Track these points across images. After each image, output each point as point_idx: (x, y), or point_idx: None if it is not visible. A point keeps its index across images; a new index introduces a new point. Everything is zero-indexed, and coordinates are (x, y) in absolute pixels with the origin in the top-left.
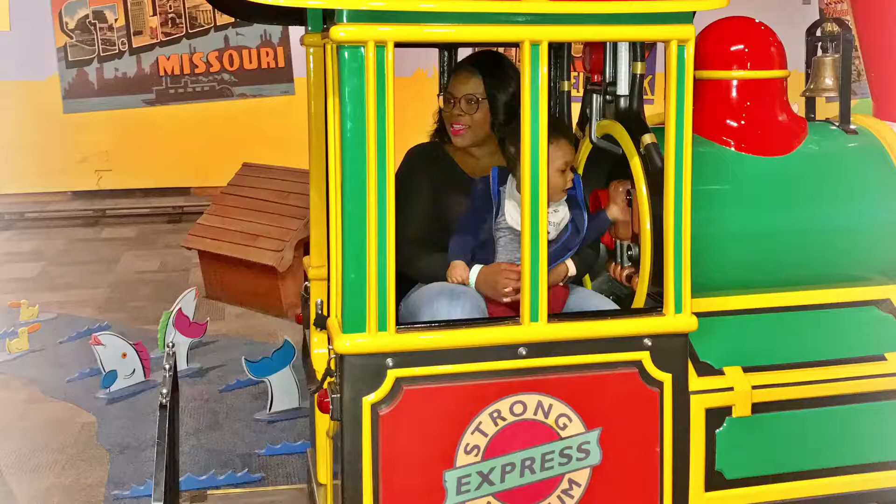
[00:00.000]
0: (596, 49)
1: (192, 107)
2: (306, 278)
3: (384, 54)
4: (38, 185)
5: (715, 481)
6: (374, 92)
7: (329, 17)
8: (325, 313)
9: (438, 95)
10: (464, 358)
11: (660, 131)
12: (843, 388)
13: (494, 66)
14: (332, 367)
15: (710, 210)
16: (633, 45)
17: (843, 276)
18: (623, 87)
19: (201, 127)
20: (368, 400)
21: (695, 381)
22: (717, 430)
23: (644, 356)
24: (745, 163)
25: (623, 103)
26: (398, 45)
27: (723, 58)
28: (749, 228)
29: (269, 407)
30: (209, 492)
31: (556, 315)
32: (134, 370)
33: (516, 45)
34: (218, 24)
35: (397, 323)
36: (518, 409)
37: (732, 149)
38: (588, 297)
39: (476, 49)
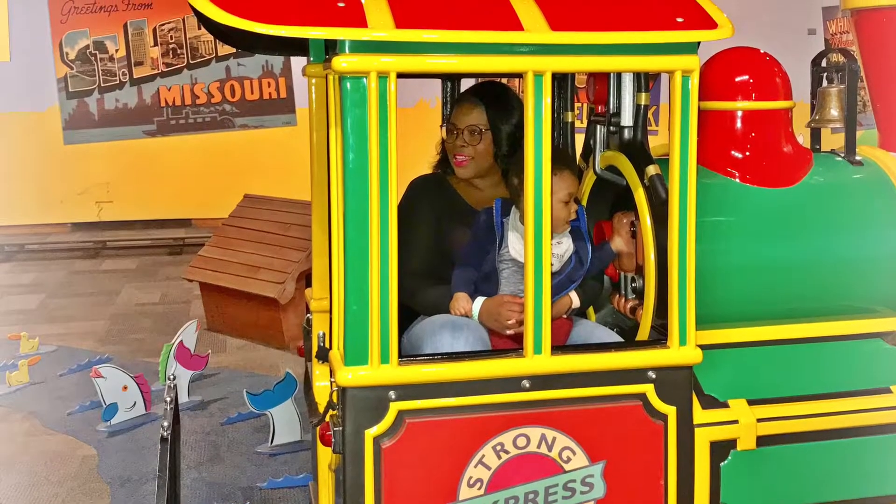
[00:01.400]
0: (600, 80)
1: (194, 138)
2: (308, 310)
3: (387, 85)
4: (39, 216)
5: None
6: (376, 122)
7: (331, 47)
8: (327, 345)
9: (441, 126)
10: (467, 390)
11: (664, 162)
12: (849, 421)
13: (498, 97)
14: (335, 399)
15: (715, 242)
16: (637, 76)
17: (848, 308)
18: (627, 118)
19: (202, 158)
20: (371, 433)
21: (699, 414)
22: (722, 464)
23: (648, 389)
24: (750, 194)
25: (627, 134)
26: (401, 75)
27: (727, 88)
28: (754, 260)
29: (270, 440)
30: None
31: (559, 347)
32: (135, 403)
33: (519, 75)
34: (219, 54)
35: (400, 355)
36: (521, 441)
37: (737, 180)
38: (592, 329)
39: (479, 80)
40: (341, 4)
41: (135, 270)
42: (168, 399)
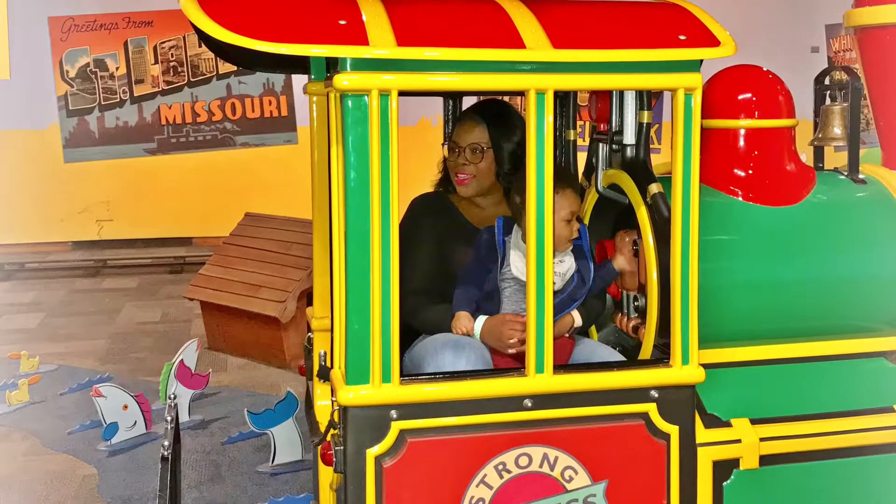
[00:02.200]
0: (602, 98)
1: (194, 156)
2: (309, 329)
3: (388, 103)
4: (39, 235)
5: None
6: (377, 141)
7: (332, 65)
8: (328, 365)
9: (443, 144)
10: (468, 410)
11: (666, 181)
12: (852, 441)
13: (499, 115)
14: (336, 419)
15: (718, 260)
16: (640, 94)
17: (851, 327)
18: (629, 136)
19: (203, 176)
20: (372, 452)
21: (702, 434)
22: (725, 483)
23: (651, 408)
24: (753, 213)
25: (629, 152)
26: (402, 93)
27: (730, 106)
28: (757, 279)
29: (271, 459)
30: None
31: (561, 366)
32: (135, 422)
33: (521, 93)
34: (220, 72)
35: (401, 374)
36: (523, 461)
37: (740, 198)
38: (594, 348)
39: (481, 97)
40: (343, 22)
41: (135, 289)
42: (169, 418)
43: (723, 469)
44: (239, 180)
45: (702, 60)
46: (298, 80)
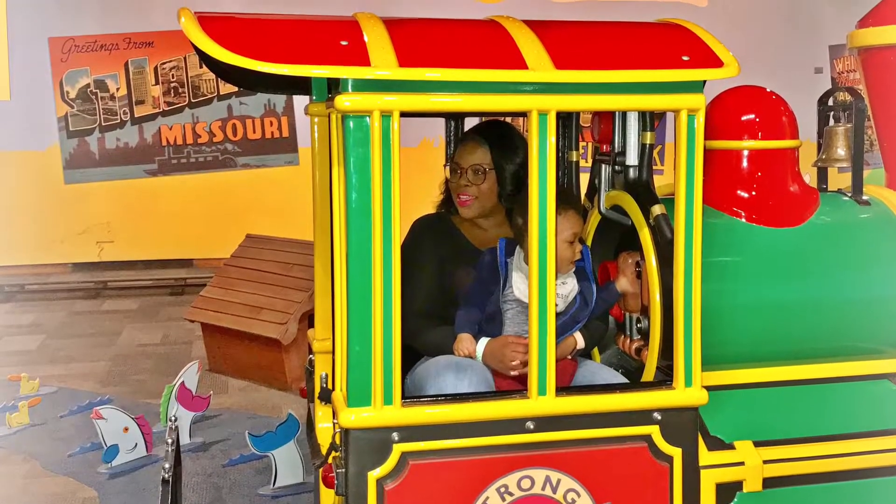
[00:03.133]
0: (605, 119)
1: (195, 177)
2: (311, 351)
3: (390, 124)
4: (39, 256)
5: None
6: (379, 162)
7: (334, 86)
8: (329, 387)
9: (445, 165)
10: (471, 432)
11: (669, 202)
12: (856, 463)
13: (501, 136)
14: (337, 441)
15: (721, 282)
16: (643, 115)
17: (855, 349)
18: (632, 158)
19: (204, 198)
20: (374, 475)
21: (705, 456)
22: None
23: (653, 430)
24: (756, 234)
25: (632, 174)
26: (404, 114)
27: (733, 127)
28: (760, 301)
29: (272, 482)
30: None
31: (564, 388)
32: (136, 444)
33: (524, 114)
34: (221, 93)
35: (403, 396)
36: (526, 483)
37: (743, 220)
38: (596, 370)
39: (483, 118)
40: (344, 43)
41: (136, 311)
42: (169, 440)
43: (726, 492)
44: (240, 202)
45: (705, 81)
46: (300, 101)
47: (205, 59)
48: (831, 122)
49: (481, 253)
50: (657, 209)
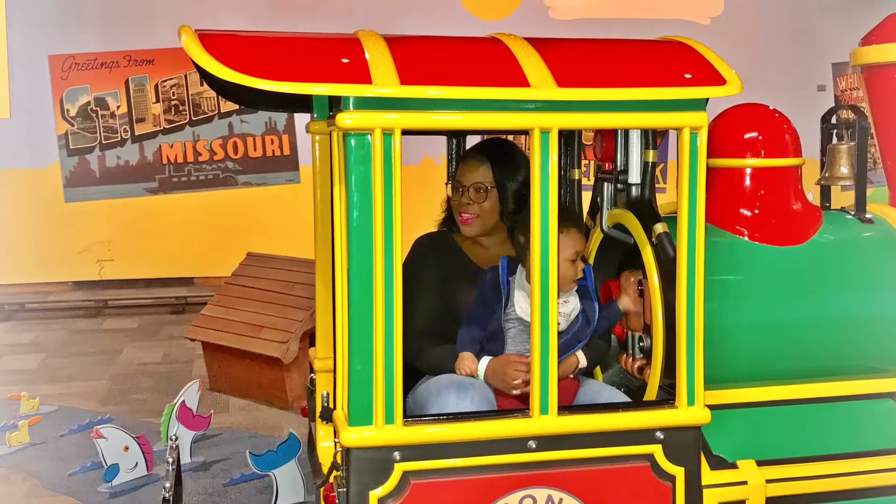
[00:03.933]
0: (607, 137)
1: (196, 195)
2: (312, 370)
3: (391, 142)
4: (39, 275)
5: None
6: (381, 180)
7: (335, 104)
8: (331, 406)
9: (446, 184)
10: (472, 451)
11: (672, 220)
12: (859, 483)
13: (503, 154)
14: (339, 460)
15: (724, 301)
16: (645, 133)
17: (858, 368)
18: (634, 176)
19: (205, 216)
20: (375, 494)
21: (708, 475)
22: None
23: (656, 449)
24: (759, 253)
25: (634, 192)
26: (405, 132)
27: (736, 145)
28: (763, 319)
29: (273, 501)
30: None
31: (566, 407)
32: (136, 464)
33: (526, 132)
34: (222, 111)
35: (405, 415)
36: (528, 503)
37: (746, 238)
38: (599, 389)
39: (485, 136)
40: (345, 60)
41: (136, 330)
42: (170, 460)
43: None
44: (241, 220)
45: (707, 99)
46: (301, 119)
47: (205, 76)
48: (834, 139)
49: (483, 271)
50: (659, 227)
